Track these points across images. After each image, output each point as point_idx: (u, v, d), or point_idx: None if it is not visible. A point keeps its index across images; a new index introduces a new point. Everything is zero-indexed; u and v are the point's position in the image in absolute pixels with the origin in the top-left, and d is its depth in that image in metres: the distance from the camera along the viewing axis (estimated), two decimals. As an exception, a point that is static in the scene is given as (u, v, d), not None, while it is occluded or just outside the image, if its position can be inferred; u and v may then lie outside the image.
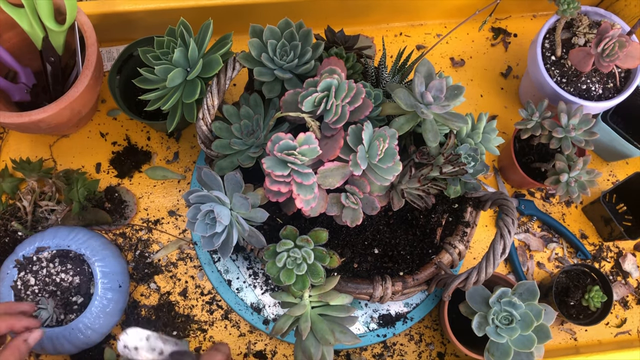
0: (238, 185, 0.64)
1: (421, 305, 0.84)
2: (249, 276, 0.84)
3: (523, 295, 0.70)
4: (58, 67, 0.83)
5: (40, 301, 0.75)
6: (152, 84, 0.72)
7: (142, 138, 0.92)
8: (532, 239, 0.90)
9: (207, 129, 0.69)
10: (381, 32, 1.00)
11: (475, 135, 0.72)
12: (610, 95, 0.84)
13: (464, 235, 0.75)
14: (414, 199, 0.68)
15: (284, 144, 0.58)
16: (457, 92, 0.63)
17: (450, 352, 0.85)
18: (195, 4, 0.86)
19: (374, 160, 0.60)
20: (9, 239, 0.82)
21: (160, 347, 0.64)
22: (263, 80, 0.68)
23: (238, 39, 0.83)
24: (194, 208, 0.62)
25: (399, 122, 0.64)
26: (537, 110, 0.81)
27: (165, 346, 0.64)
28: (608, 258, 0.91)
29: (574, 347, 0.87)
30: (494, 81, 0.99)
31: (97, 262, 0.76)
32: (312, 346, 0.63)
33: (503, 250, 0.63)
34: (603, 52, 0.76)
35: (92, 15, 0.82)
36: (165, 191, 0.89)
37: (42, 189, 0.86)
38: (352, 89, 0.61)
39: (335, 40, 0.75)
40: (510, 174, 0.91)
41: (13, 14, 0.77)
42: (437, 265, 0.73)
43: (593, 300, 0.81)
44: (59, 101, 0.74)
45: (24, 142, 0.90)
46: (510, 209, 0.65)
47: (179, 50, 0.68)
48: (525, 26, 1.02)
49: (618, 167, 0.96)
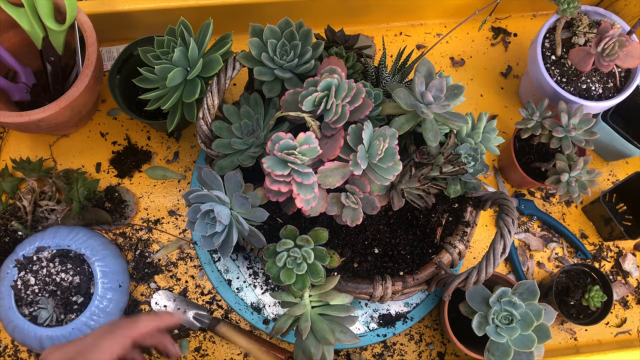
0: (238, 185, 0.64)
1: (421, 305, 0.84)
2: (249, 276, 0.84)
3: (523, 295, 0.70)
4: (58, 66, 0.83)
5: (40, 301, 0.75)
6: (152, 83, 0.72)
7: (142, 138, 0.92)
8: (532, 239, 0.90)
9: (207, 128, 0.69)
10: (381, 31, 1.00)
11: (475, 135, 0.72)
12: (611, 95, 0.84)
13: (464, 235, 0.75)
14: (414, 198, 0.68)
15: (284, 143, 0.58)
16: (457, 91, 0.63)
17: (450, 352, 0.85)
18: (195, 4, 0.86)
19: (374, 159, 0.60)
20: (9, 238, 0.82)
21: (184, 308, 0.82)
22: (263, 79, 0.68)
23: (238, 39, 0.83)
24: (194, 208, 0.62)
25: (399, 122, 0.64)
26: (537, 109, 0.81)
27: (189, 307, 0.82)
28: (608, 258, 0.91)
29: (574, 347, 0.87)
30: (494, 81, 0.99)
31: (97, 261, 0.76)
32: (312, 346, 0.63)
33: (503, 250, 0.63)
34: (603, 52, 0.76)
35: (92, 15, 0.82)
36: (165, 191, 0.89)
37: (42, 188, 0.85)
38: (352, 88, 0.61)
39: (335, 39, 0.75)
40: (510, 174, 0.91)
41: (13, 14, 0.77)
42: (437, 265, 0.73)
43: (593, 300, 0.81)
44: (59, 101, 0.74)
45: (24, 142, 0.90)
46: (510, 208, 0.65)
47: (179, 49, 0.68)
48: (525, 26, 1.02)
49: (618, 167, 0.96)
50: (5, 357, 0.81)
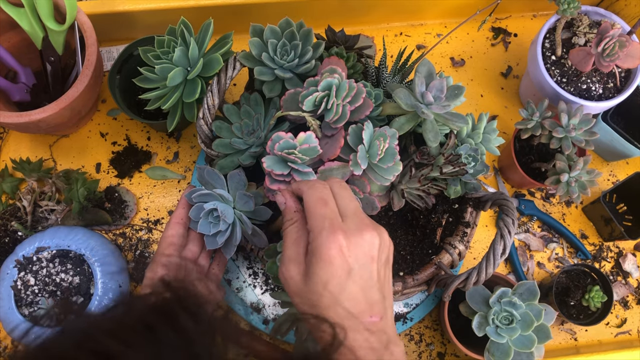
0: (241, 184, 0.64)
1: (421, 306, 0.84)
2: (248, 276, 0.84)
3: (523, 295, 0.70)
4: (58, 66, 0.83)
5: (40, 301, 0.75)
6: (152, 83, 0.71)
7: (142, 138, 0.91)
8: (532, 239, 0.90)
9: (207, 128, 0.69)
10: (381, 31, 1.00)
11: (475, 136, 0.72)
12: (611, 95, 0.84)
13: (464, 236, 0.75)
14: (414, 199, 0.67)
15: (284, 143, 0.58)
16: (457, 92, 0.63)
17: (451, 352, 0.85)
18: (195, 4, 0.86)
19: (375, 160, 0.60)
20: (9, 239, 0.82)
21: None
22: (263, 79, 0.68)
23: (238, 39, 0.83)
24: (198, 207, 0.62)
25: (399, 122, 0.64)
26: (537, 110, 0.81)
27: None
28: (608, 258, 0.91)
29: (574, 347, 0.86)
30: (494, 81, 0.99)
31: (97, 262, 0.76)
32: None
33: (503, 251, 0.63)
34: (603, 52, 0.76)
35: (92, 15, 0.82)
36: (165, 191, 0.89)
37: (42, 189, 0.85)
38: (353, 88, 0.61)
39: (335, 39, 0.75)
40: (510, 174, 0.91)
41: (13, 14, 0.77)
42: (437, 265, 0.73)
43: (593, 300, 0.81)
44: (59, 101, 0.74)
45: (24, 142, 0.90)
46: (510, 209, 0.65)
47: (180, 49, 0.68)
48: (525, 26, 1.02)
49: (618, 167, 0.96)
50: (5, 357, 0.81)
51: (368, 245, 0.47)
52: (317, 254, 0.46)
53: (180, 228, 0.64)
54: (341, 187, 0.51)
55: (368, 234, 0.47)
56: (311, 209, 0.49)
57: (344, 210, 0.49)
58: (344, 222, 0.47)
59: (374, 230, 0.48)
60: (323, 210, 0.48)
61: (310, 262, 0.47)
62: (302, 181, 0.54)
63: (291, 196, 0.54)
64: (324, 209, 0.48)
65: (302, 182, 0.53)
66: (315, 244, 0.46)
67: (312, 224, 0.48)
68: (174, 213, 0.65)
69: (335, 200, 0.50)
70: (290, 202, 0.53)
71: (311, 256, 0.47)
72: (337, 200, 0.50)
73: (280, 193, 0.55)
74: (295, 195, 0.54)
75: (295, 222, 0.51)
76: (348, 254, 0.46)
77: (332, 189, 0.51)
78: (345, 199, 0.50)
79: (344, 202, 0.50)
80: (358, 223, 0.47)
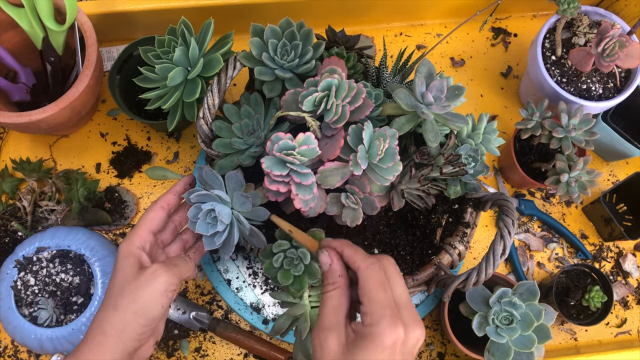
0: (239, 184, 0.64)
1: (421, 306, 0.84)
2: (248, 276, 0.84)
3: (523, 295, 0.70)
4: (58, 67, 0.83)
5: (40, 301, 0.75)
6: (152, 82, 0.71)
7: (142, 138, 0.91)
8: (532, 239, 0.90)
9: (207, 128, 0.69)
10: (381, 32, 1.00)
11: (475, 136, 0.72)
12: (611, 95, 0.84)
13: (464, 236, 0.75)
14: (414, 199, 0.67)
15: (283, 143, 0.58)
16: (457, 92, 0.63)
17: (451, 352, 0.85)
18: (195, 4, 0.86)
19: (374, 160, 0.60)
20: (9, 239, 0.82)
21: (184, 308, 0.81)
22: (264, 79, 0.68)
23: (239, 39, 0.83)
24: (195, 207, 0.61)
25: (399, 122, 0.64)
26: (537, 110, 0.81)
27: (189, 308, 0.81)
28: (608, 258, 0.91)
29: (574, 347, 0.86)
30: (494, 81, 0.99)
31: (97, 262, 0.76)
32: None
33: (503, 251, 0.63)
34: (603, 52, 0.76)
35: (92, 15, 0.82)
36: (165, 191, 0.89)
37: (42, 189, 0.85)
38: (353, 88, 0.61)
39: (336, 40, 0.75)
40: (510, 174, 0.91)
41: (13, 14, 0.77)
42: (437, 265, 0.73)
43: (593, 300, 0.81)
44: (59, 101, 0.74)
45: (24, 142, 0.90)
46: (510, 209, 0.65)
47: (180, 49, 0.68)
48: (525, 26, 1.02)
49: (618, 167, 0.96)
50: (5, 357, 0.81)
51: (416, 342, 0.48)
52: (372, 339, 0.47)
53: (163, 213, 0.62)
54: (395, 272, 0.52)
55: (419, 330, 0.48)
56: (372, 292, 0.49)
57: (398, 299, 0.49)
58: (400, 313, 0.48)
59: (423, 328, 0.49)
60: (383, 296, 0.48)
61: (359, 342, 0.47)
62: (355, 250, 0.53)
63: (338, 259, 0.53)
64: (385, 295, 0.48)
65: (356, 254, 0.52)
66: (372, 329, 0.47)
67: (371, 308, 0.48)
68: (162, 196, 0.63)
69: (390, 285, 0.50)
70: (336, 265, 0.53)
71: (362, 338, 0.47)
72: (392, 286, 0.50)
73: (325, 252, 0.54)
74: (341, 259, 0.54)
75: (338, 287, 0.51)
76: (401, 348, 0.47)
77: (385, 271, 0.51)
78: (399, 287, 0.50)
79: (398, 289, 0.50)
80: (413, 316, 0.48)
